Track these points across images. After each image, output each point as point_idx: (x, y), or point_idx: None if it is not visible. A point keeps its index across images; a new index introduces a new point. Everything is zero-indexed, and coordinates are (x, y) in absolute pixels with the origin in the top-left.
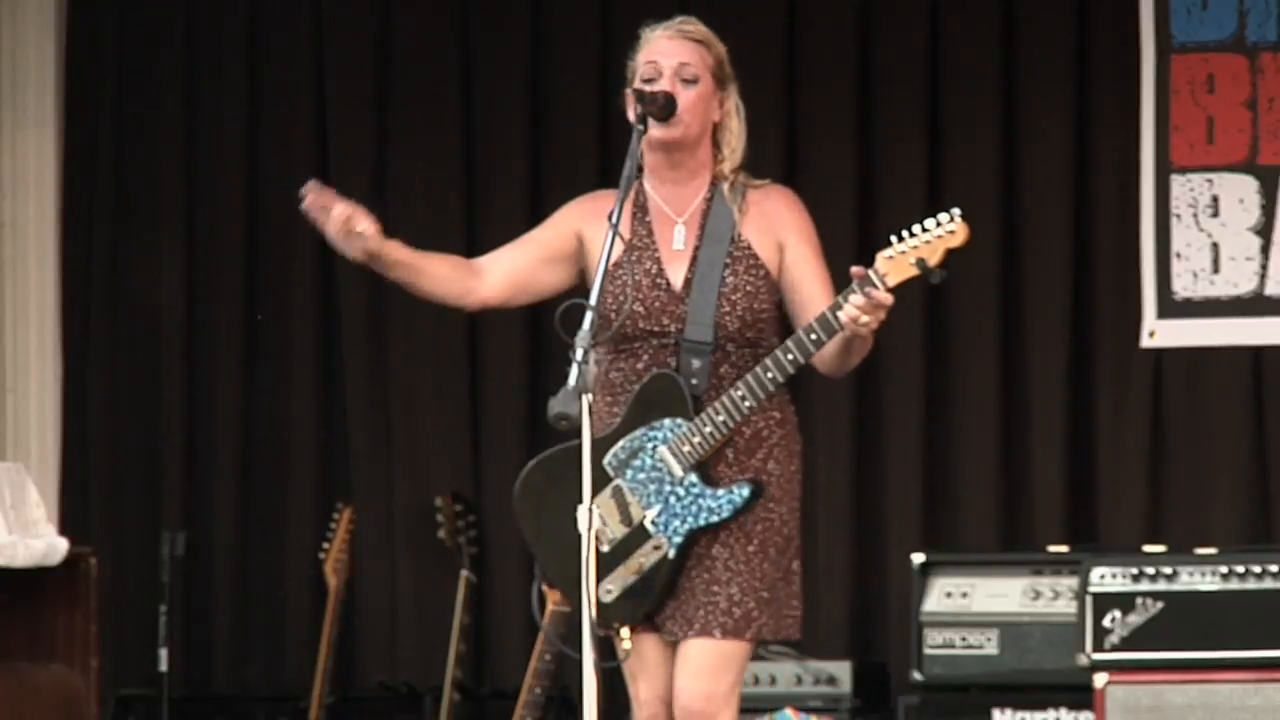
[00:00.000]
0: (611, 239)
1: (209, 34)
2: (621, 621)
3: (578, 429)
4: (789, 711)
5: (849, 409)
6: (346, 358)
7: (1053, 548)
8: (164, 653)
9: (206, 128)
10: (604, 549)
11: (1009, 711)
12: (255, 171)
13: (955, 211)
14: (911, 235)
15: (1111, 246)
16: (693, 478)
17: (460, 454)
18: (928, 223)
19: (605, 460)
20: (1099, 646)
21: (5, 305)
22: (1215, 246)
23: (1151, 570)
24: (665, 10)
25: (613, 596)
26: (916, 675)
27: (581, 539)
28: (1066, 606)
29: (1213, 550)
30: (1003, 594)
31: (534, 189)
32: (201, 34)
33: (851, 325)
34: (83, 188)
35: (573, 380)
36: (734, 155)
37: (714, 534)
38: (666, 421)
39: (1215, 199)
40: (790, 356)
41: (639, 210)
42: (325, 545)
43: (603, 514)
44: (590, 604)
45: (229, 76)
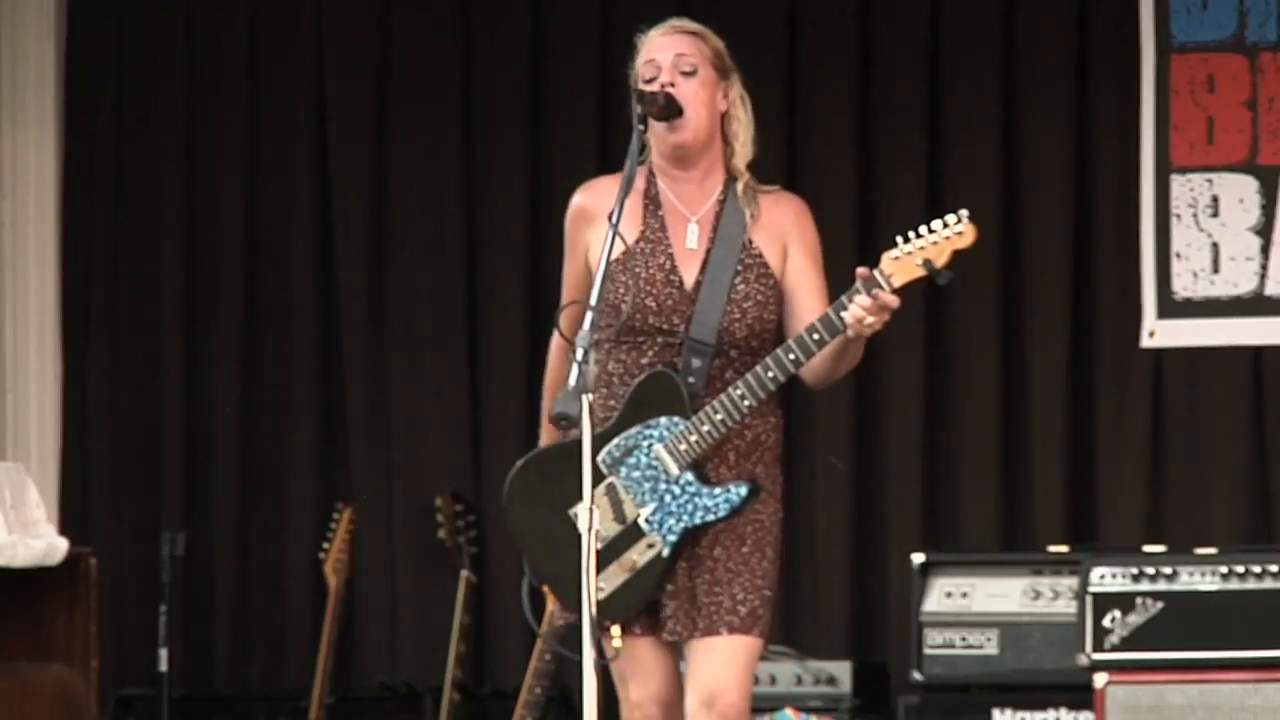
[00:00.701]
0: (611, 239)
1: (209, 34)
2: (612, 620)
3: (578, 428)
4: (789, 711)
5: (849, 409)
6: (346, 358)
7: (1053, 548)
8: (164, 653)
9: (206, 128)
10: (596, 546)
11: (1009, 711)
12: (255, 171)
13: (963, 213)
14: (918, 236)
15: (1111, 246)
16: (689, 476)
17: (460, 454)
18: (935, 224)
19: (599, 457)
20: (1099, 646)
21: (5, 305)
22: (1215, 246)
23: (1151, 570)
24: (664, 12)
25: (604, 594)
26: (916, 675)
27: (571, 536)
28: (1066, 606)
29: (1213, 550)
30: (1003, 594)
31: (534, 189)
32: (201, 34)
33: (855, 326)
34: (83, 188)
35: (573, 380)
36: (745, 148)
37: (712, 536)
38: (663, 420)
39: (1215, 199)
40: (792, 356)
41: (650, 203)
42: (325, 545)
43: (596, 510)
44: (590, 603)
45: (229, 76)
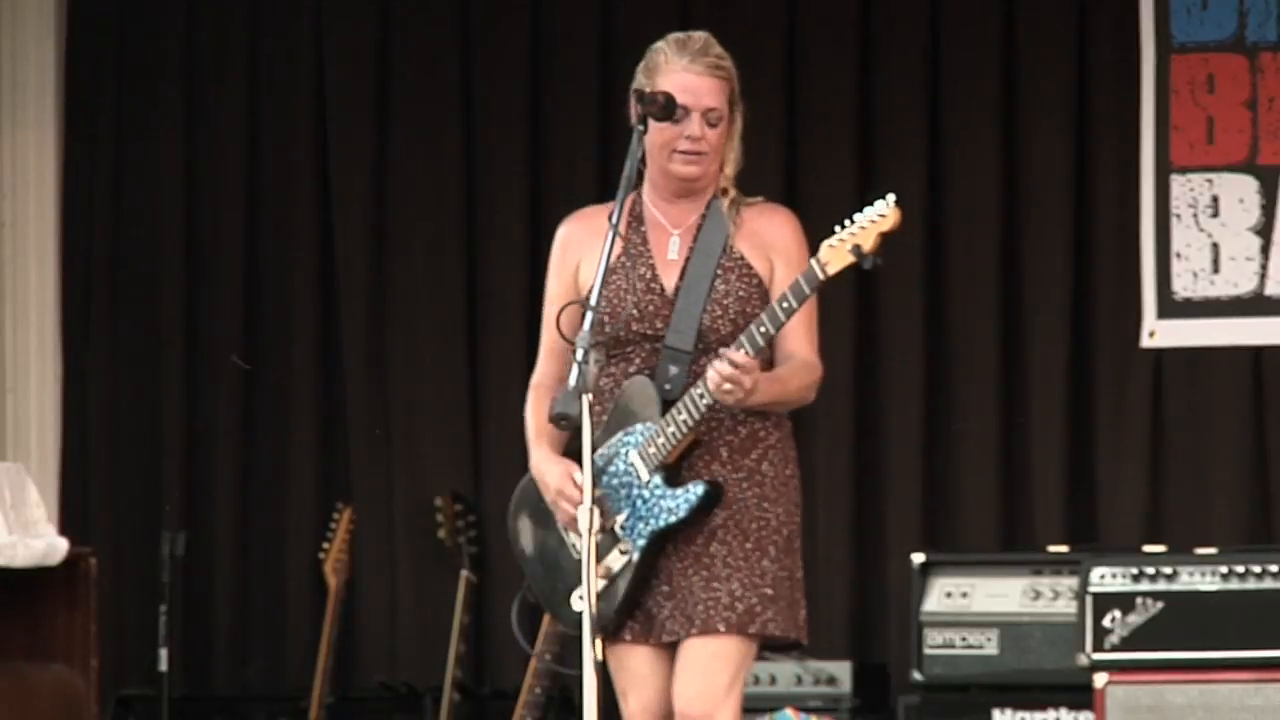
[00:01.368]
0: (611, 239)
1: (209, 34)
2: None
3: (578, 429)
4: (789, 711)
5: (849, 409)
6: (346, 358)
7: (1053, 548)
8: (164, 653)
9: (206, 128)
10: (578, 557)
11: (1009, 711)
12: (255, 172)
13: (890, 197)
14: (851, 223)
15: (1111, 246)
16: (656, 479)
17: (460, 454)
18: (866, 210)
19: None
20: (1099, 646)
21: (5, 305)
22: (1215, 246)
23: (1151, 570)
24: (665, 14)
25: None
26: (916, 675)
27: (564, 550)
28: (1066, 606)
29: (1213, 550)
30: (1003, 594)
31: (534, 189)
32: (201, 34)
33: (716, 393)
34: (82, 188)
35: (573, 380)
36: (732, 166)
37: (709, 533)
38: (639, 426)
39: (1215, 199)
40: (743, 350)
41: (634, 220)
42: (325, 545)
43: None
44: (591, 603)
45: (229, 76)
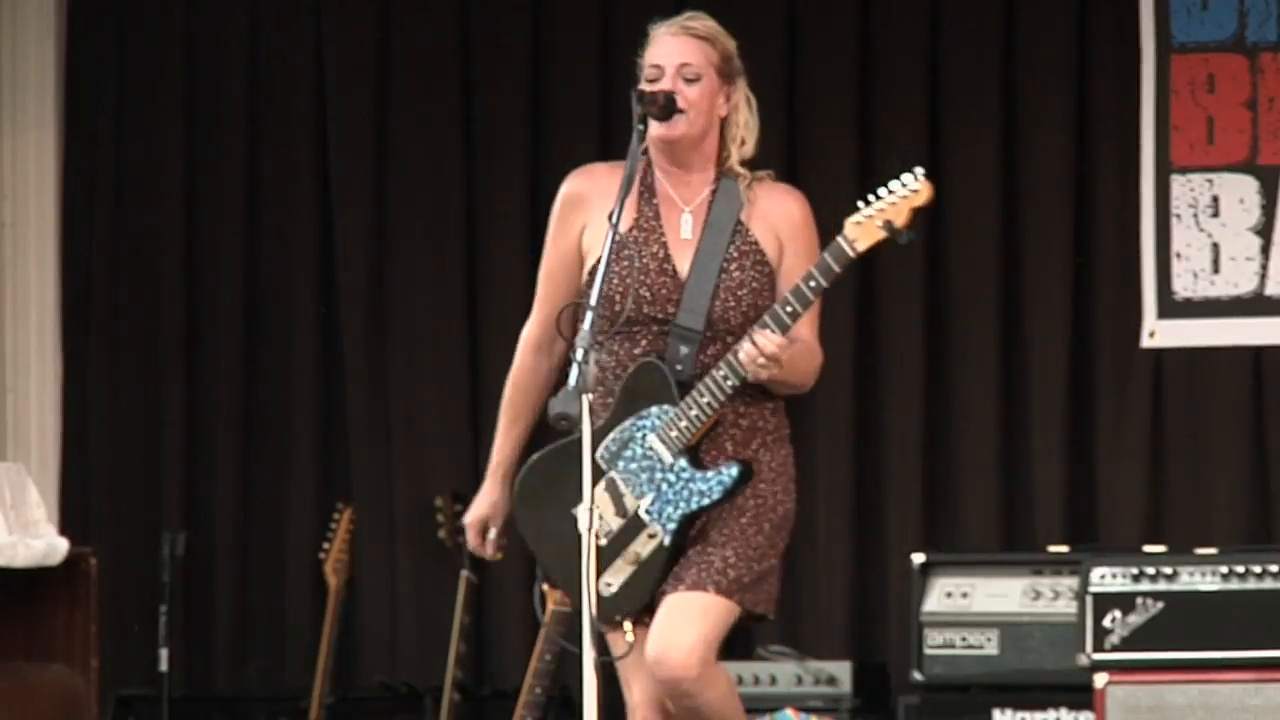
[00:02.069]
0: (611, 239)
1: (209, 34)
2: (624, 615)
3: (578, 429)
4: (789, 711)
5: (849, 409)
6: (346, 358)
7: (1053, 548)
8: (164, 653)
9: (206, 128)
10: (601, 543)
11: (1009, 711)
12: (255, 172)
13: (919, 170)
14: (878, 199)
15: (1111, 246)
16: (682, 462)
17: (460, 454)
18: (893, 184)
19: (598, 454)
20: (1099, 646)
21: (5, 305)
22: (1215, 246)
23: (1151, 570)
24: (666, 9)
25: (613, 590)
26: (916, 675)
27: (577, 536)
28: (1066, 606)
29: (1213, 550)
30: (1003, 594)
31: (534, 188)
32: (201, 34)
33: (750, 367)
34: (83, 188)
35: (573, 380)
36: (745, 148)
37: (709, 515)
38: (654, 409)
39: (1215, 199)
40: (769, 331)
41: (646, 190)
42: (325, 545)
43: (599, 508)
44: (590, 603)
45: (229, 76)
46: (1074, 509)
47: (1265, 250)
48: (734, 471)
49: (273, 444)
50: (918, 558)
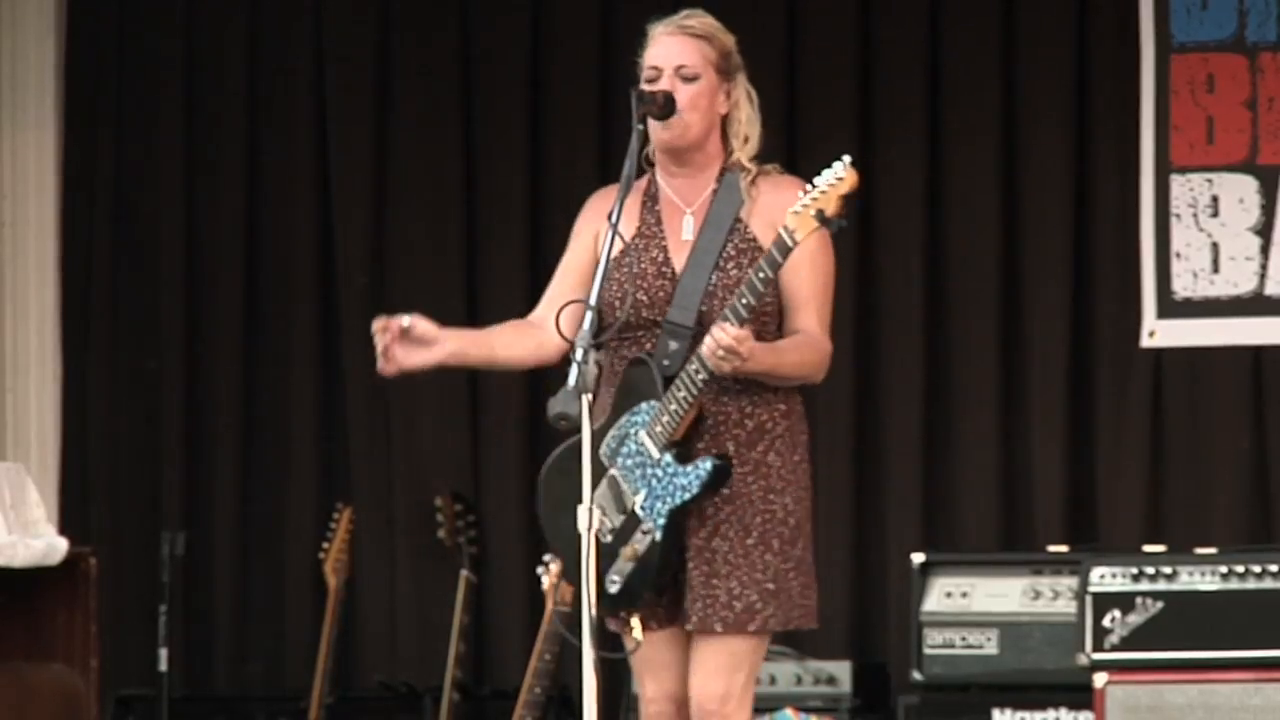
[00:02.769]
0: (611, 239)
1: (209, 35)
2: (629, 610)
3: (577, 429)
4: (789, 711)
5: (849, 409)
6: (346, 358)
7: (1053, 548)
8: (164, 653)
9: (206, 128)
10: (606, 540)
11: (1009, 711)
12: (255, 171)
13: (846, 158)
14: (812, 188)
15: (1111, 246)
16: (668, 457)
17: (460, 454)
18: (824, 173)
19: (600, 451)
20: (1099, 646)
21: (5, 305)
22: (1215, 246)
23: (1151, 570)
24: (666, 9)
25: (618, 586)
26: (916, 675)
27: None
28: (1066, 606)
29: (1213, 550)
30: (1003, 594)
31: (534, 189)
32: (201, 34)
33: (711, 359)
34: (82, 188)
35: (572, 380)
36: (749, 144)
37: (711, 528)
38: (644, 405)
39: (1215, 199)
40: (727, 324)
41: (648, 200)
42: (325, 545)
43: (602, 505)
44: (590, 603)
45: (229, 77)
46: (1074, 509)
47: (1265, 250)
48: (708, 465)
49: (272, 444)
50: (917, 557)
